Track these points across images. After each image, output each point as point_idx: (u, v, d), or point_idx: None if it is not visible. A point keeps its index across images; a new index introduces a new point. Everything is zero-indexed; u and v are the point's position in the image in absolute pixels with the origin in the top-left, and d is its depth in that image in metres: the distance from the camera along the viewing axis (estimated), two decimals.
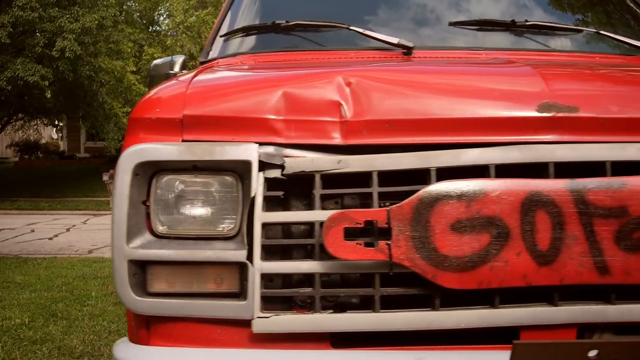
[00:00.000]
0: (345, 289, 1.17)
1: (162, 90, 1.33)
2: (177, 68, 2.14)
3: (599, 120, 1.17)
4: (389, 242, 1.10)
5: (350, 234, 1.13)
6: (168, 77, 2.01)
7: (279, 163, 1.18)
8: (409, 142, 1.19)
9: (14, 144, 22.57)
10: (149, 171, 1.20)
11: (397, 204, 1.10)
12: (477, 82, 1.26)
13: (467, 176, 1.13)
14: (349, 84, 1.22)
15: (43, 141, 23.12)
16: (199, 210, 1.21)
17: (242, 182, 1.20)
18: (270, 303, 1.18)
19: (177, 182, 1.21)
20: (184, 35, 17.86)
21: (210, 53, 1.95)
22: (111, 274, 1.26)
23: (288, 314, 1.16)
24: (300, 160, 1.19)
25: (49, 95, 12.99)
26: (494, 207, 1.10)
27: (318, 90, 1.22)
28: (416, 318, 1.13)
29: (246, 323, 1.16)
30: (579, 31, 1.82)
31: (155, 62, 2.26)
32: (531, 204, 1.09)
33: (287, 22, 1.79)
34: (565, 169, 1.15)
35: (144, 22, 20.71)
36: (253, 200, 1.16)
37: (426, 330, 1.15)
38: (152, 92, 1.34)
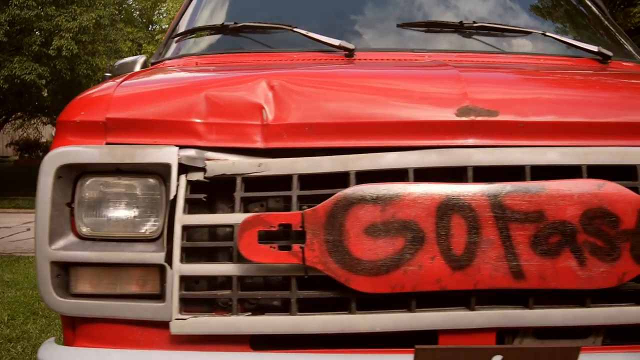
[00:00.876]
0: (263, 292, 1.17)
1: (91, 92, 1.33)
2: (137, 68, 2.13)
3: (519, 124, 1.16)
4: (302, 246, 1.09)
5: (271, 237, 1.13)
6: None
7: (200, 166, 1.18)
8: (331, 146, 1.19)
9: (14, 143, 22.62)
10: (72, 173, 1.21)
11: (312, 208, 1.10)
12: (400, 85, 1.25)
13: (387, 180, 1.13)
14: (271, 88, 1.22)
15: (43, 140, 23.16)
16: (122, 213, 1.21)
17: (165, 185, 1.20)
18: (192, 305, 1.18)
19: (101, 185, 1.21)
20: None
21: (162, 54, 1.95)
22: None
23: (206, 316, 1.16)
24: (222, 164, 1.19)
25: (45, 94, 13.04)
26: (409, 211, 1.09)
27: (240, 94, 1.22)
28: (331, 321, 1.12)
29: (166, 325, 1.16)
30: (527, 33, 1.81)
31: (119, 61, 2.25)
32: (447, 208, 1.09)
33: (235, 23, 1.79)
34: (486, 174, 1.14)
35: (144, 20, 20.73)
36: (173, 202, 1.17)
37: (349, 334, 1.14)
38: (82, 94, 1.34)
